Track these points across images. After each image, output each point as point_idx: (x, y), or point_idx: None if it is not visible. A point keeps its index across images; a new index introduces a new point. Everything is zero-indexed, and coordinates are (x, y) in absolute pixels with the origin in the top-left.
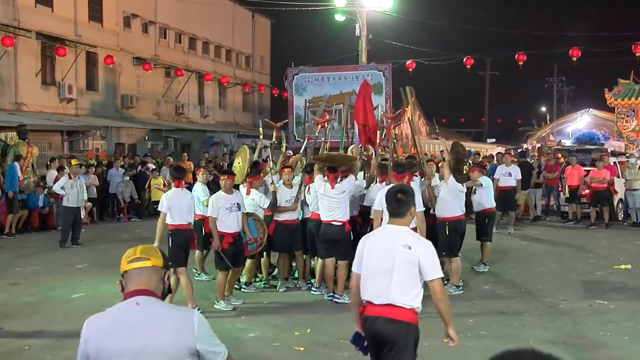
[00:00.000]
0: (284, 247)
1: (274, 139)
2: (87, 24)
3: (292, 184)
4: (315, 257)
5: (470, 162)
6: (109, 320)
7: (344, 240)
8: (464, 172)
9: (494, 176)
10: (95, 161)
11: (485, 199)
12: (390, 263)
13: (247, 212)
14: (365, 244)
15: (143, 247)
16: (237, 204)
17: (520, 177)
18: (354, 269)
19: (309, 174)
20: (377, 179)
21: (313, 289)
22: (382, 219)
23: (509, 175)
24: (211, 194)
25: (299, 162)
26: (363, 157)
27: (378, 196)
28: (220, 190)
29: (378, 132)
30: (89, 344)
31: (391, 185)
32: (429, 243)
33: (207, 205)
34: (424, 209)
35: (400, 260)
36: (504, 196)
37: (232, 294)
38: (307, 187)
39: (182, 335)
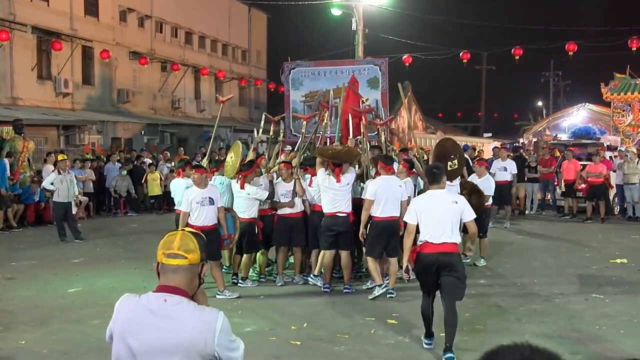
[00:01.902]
0: (283, 240)
1: (271, 133)
2: (83, 18)
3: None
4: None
5: (456, 160)
6: (137, 307)
7: (349, 231)
8: (449, 167)
9: (490, 171)
10: (92, 156)
11: None
12: (444, 214)
13: (226, 208)
14: (420, 203)
15: (182, 241)
16: (210, 198)
17: (515, 172)
18: (410, 221)
19: (311, 167)
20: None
21: (311, 277)
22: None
23: (505, 169)
24: None
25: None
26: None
27: (370, 188)
28: (193, 185)
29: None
30: (116, 323)
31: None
32: (464, 198)
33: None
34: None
35: (451, 211)
36: (500, 191)
37: (226, 288)
38: (309, 179)
39: (202, 338)
